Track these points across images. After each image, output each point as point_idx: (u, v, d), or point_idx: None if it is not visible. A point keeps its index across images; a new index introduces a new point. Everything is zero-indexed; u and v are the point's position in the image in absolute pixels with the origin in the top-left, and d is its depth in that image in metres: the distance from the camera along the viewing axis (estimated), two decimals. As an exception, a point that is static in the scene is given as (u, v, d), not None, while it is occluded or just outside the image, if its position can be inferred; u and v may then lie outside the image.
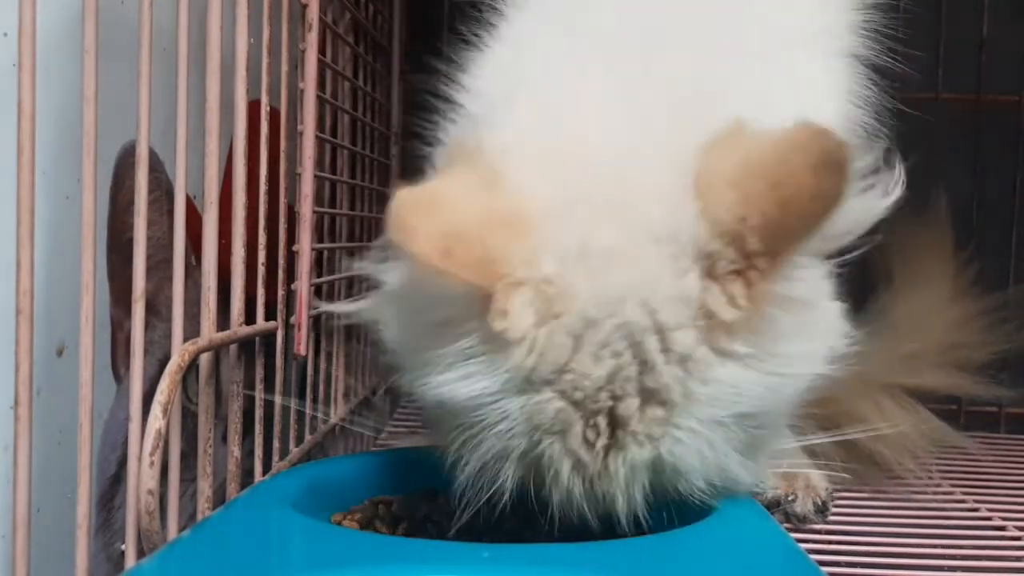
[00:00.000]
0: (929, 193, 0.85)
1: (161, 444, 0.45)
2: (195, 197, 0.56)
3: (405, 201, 0.41)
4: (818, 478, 0.67)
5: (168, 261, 0.50)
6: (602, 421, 0.42)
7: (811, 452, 0.72)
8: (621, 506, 0.43)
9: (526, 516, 0.52)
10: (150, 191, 0.48)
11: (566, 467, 0.42)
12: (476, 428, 0.43)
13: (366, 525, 0.50)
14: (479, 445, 0.43)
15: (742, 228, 0.40)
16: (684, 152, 0.42)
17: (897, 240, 0.83)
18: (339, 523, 0.49)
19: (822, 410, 0.70)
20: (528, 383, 0.42)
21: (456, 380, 0.43)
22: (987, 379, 0.81)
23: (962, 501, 0.72)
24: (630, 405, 0.41)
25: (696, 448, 0.42)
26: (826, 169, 0.38)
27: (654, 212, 0.42)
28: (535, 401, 0.42)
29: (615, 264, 0.41)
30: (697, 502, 0.44)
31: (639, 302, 0.41)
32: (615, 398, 0.42)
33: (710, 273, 0.41)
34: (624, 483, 0.43)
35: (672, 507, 0.49)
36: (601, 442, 0.42)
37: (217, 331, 0.50)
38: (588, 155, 0.44)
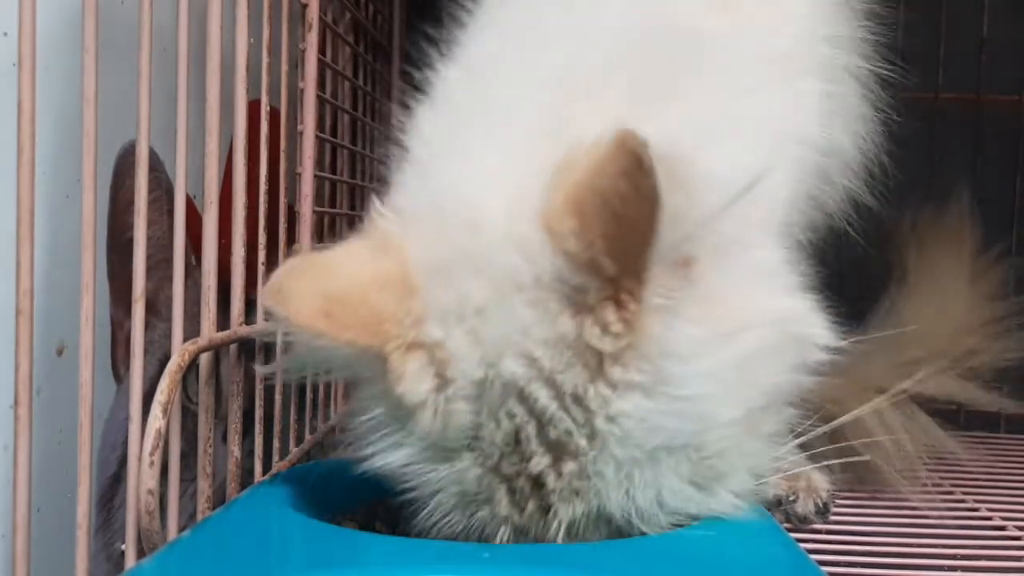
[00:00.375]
0: (930, 192, 0.85)
1: (161, 444, 0.45)
2: (195, 197, 0.56)
3: (287, 267, 0.42)
4: (819, 479, 0.67)
5: (168, 261, 0.50)
6: (525, 484, 0.41)
7: (810, 457, 0.72)
8: None
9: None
10: (150, 191, 0.48)
11: (506, 535, 0.42)
12: (418, 498, 0.43)
13: (366, 525, 0.50)
14: (429, 515, 0.43)
15: (593, 254, 0.38)
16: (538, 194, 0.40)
17: (915, 238, 0.82)
18: (339, 523, 0.49)
19: (822, 412, 0.70)
20: (445, 450, 0.41)
21: (384, 450, 0.43)
22: (988, 387, 0.80)
23: (962, 501, 0.72)
24: (540, 463, 0.40)
25: (628, 492, 0.41)
26: (635, 170, 0.36)
27: (514, 260, 0.40)
28: (458, 469, 0.41)
29: (489, 321, 0.40)
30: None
31: (517, 354, 0.40)
32: (525, 459, 0.40)
33: (583, 308, 0.39)
34: (568, 537, 0.41)
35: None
36: (531, 505, 0.41)
37: (217, 331, 0.50)
38: (463, 213, 0.43)
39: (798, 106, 0.53)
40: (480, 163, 0.44)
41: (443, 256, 0.42)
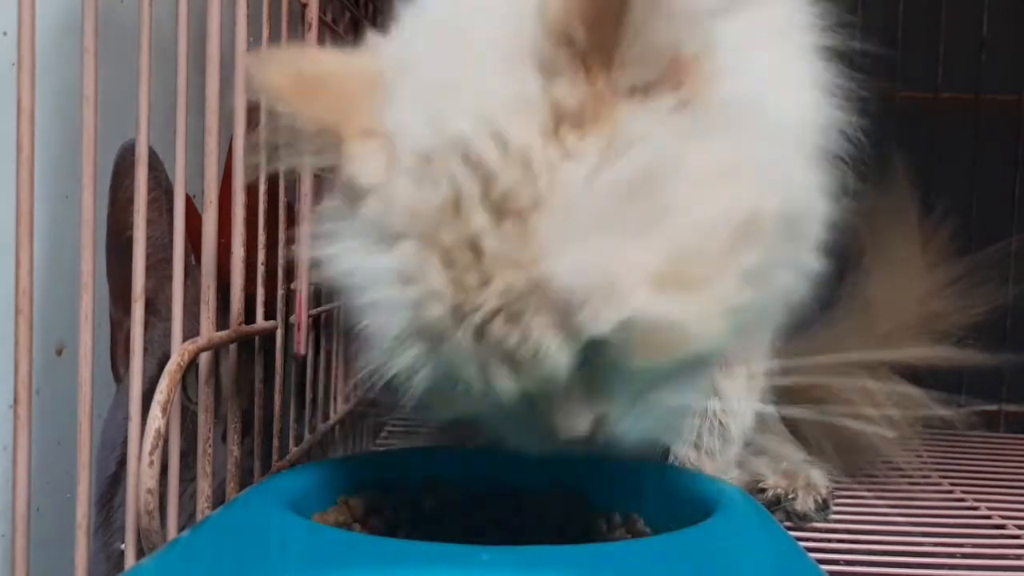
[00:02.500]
0: (928, 192, 0.85)
1: (160, 443, 0.45)
2: (194, 196, 0.56)
3: (279, 52, 0.43)
4: (818, 476, 0.67)
5: (168, 260, 0.50)
6: (463, 253, 0.38)
7: (801, 439, 0.72)
8: (526, 351, 0.38)
9: (530, 513, 0.52)
10: (149, 190, 0.48)
11: (438, 311, 0.39)
12: (360, 304, 0.41)
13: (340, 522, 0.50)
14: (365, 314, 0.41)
15: (569, 25, 0.38)
16: None
17: (864, 220, 0.83)
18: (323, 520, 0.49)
19: (807, 395, 0.70)
20: (387, 236, 0.40)
21: (334, 243, 0.42)
22: (960, 345, 0.81)
23: (962, 500, 0.73)
24: (479, 223, 0.38)
25: (575, 266, 0.37)
26: None
27: (493, 34, 0.41)
28: (395, 252, 0.40)
29: (452, 91, 0.40)
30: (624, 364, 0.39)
31: (473, 116, 0.39)
32: (464, 222, 0.38)
33: (553, 73, 0.39)
34: (508, 320, 0.38)
35: (673, 509, 0.50)
36: (469, 278, 0.38)
37: (217, 330, 0.50)
38: (440, 13, 0.45)
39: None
40: None
41: (417, 46, 0.44)
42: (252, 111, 0.54)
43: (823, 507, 0.65)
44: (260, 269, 0.56)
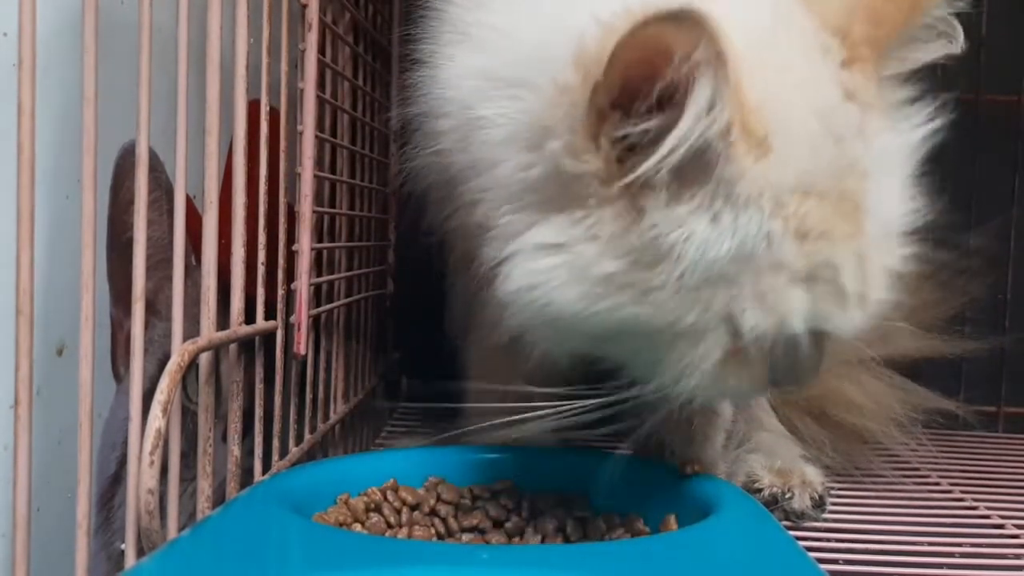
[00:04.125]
0: (928, 191, 0.85)
1: (161, 443, 0.45)
2: (195, 197, 0.56)
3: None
4: (813, 473, 0.67)
5: (168, 261, 0.50)
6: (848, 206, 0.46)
7: (800, 439, 0.72)
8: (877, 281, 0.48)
9: (531, 513, 0.52)
10: (150, 191, 0.48)
11: (849, 261, 0.46)
12: (742, 279, 0.45)
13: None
14: (747, 296, 0.45)
15: (850, 20, 0.46)
16: None
17: None
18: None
19: (804, 395, 0.70)
20: (784, 194, 0.44)
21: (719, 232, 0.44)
22: (951, 334, 0.81)
23: (960, 499, 0.73)
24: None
25: (892, 202, 0.49)
26: None
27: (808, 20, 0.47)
28: (800, 210, 0.45)
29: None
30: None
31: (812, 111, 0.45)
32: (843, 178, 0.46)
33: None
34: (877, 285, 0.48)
35: (673, 509, 0.50)
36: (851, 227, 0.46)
37: (217, 331, 0.51)
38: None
39: None
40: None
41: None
42: (252, 110, 0.54)
43: (819, 504, 0.65)
44: (260, 269, 0.56)
